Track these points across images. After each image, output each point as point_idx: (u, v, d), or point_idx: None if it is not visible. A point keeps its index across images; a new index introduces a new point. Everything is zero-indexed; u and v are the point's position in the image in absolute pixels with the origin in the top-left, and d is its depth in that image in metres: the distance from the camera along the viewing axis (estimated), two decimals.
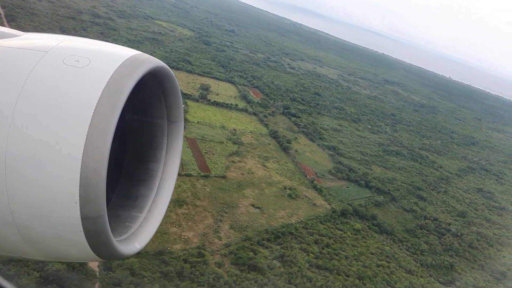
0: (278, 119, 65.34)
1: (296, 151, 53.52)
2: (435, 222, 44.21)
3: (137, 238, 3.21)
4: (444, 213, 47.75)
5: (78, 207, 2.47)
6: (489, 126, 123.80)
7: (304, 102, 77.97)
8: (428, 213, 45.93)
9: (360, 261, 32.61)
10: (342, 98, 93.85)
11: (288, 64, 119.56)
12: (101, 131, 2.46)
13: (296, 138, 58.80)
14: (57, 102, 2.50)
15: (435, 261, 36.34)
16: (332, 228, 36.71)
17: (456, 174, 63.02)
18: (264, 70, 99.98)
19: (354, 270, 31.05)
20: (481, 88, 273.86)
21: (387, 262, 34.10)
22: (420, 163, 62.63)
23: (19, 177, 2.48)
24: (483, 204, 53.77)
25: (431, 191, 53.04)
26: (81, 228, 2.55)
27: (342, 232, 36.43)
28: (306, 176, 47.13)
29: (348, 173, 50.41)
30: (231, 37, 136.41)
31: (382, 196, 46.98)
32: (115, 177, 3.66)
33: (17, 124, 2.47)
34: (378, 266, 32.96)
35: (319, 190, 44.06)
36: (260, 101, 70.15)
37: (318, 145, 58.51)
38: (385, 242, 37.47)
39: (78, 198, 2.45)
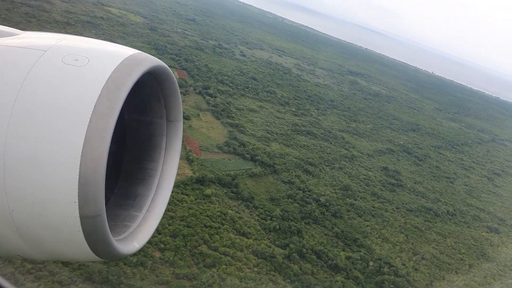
0: (191, 98, 65.70)
1: (190, 126, 53.84)
2: (307, 193, 44.60)
3: (136, 238, 3.26)
4: (327, 186, 48.15)
5: (77, 207, 2.49)
6: (446, 116, 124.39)
7: (232, 85, 78.36)
8: (306, 186, 46.32)
9: (186, 222, 32.96)
10: (282, 84, 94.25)
11: (241, 52, 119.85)
12: (100, 130, 2.48)
13: (199, 115, 59.17)
14: (56, 101, 2.52)
15: (280, 226, 36.72)
16: (176, 193, 37.01)
17: (368, 154, 63.44)
18: (206, 55, 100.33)
19: (171, 229, 31.39)
20: (463, 84, 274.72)
21: (221, 224, 34.46)
22: (331, 143, 63.05)
23: (17, 176, 2.49)
24: (380, 181, 54.18)
25: (324, 167, 53.44)
26: (80, 227, 2.56)
27: (185, 197, 36.77)
28: (186, 148, 47.51)
29: (237, 148, 50.80)
30: (188, 25, 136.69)
31: (262, 168, 47.37)
32: (114, 177, 3.70)
33: (16, 123, 2.49)
34: (206, 227, 33.32)
35: (190, 161, 44.44)
36: (178, 81, 70.43)
37: (222, 122, 58.86)
38: (234, 208, 37.83)
39: (77, 197, 2.46)
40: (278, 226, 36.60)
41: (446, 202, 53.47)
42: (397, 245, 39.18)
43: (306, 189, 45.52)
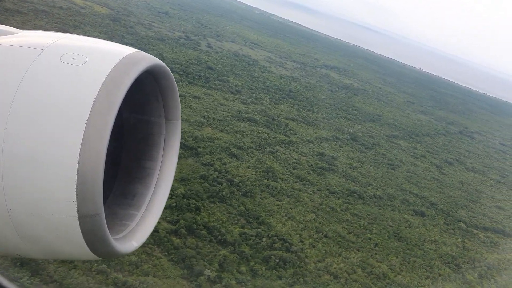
0: None
1: None
2: (223, 174, 44.79)
3: (134, 236, 3.32)
4: (249, 168, 48.36)
5: (75, 205, 2.52)
6: (417, 109, 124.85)
7: (182, 73, 78.47)
8: (225, 168, 46.53)
9: None
10: (242, 74, 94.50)
11: (208, 44, 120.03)
12: (98, 129, 2.51)
13: None
14: (54, 100, 2.56)
15: (177, 203, 36.88)
16: None
17: (308, 140, 63.73)
18: (166, 45, 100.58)
19: None
20: (451, 80, 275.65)
21: None
22: (271, 129, 63.28)
23: (15, 175, 2.52)
24: (310, 165, 54.42)
25: (254, 151, 53.67)
26: (78, 226, 2.59)
27: None
28: None
29: None
30: (158, 18, 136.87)
31: (182, 151, 47.54)
32: (112, 175, 3.77)
33: (14, 122, 2.52)
34: None
35: None
36: None
37: None
38: None
39: (75, 196, 2.50)
40: (174, 204, 36.80)
41: (377, 187, 53.78)
42: (301, 224, 39.40)
43: (224, 170, 45.72)
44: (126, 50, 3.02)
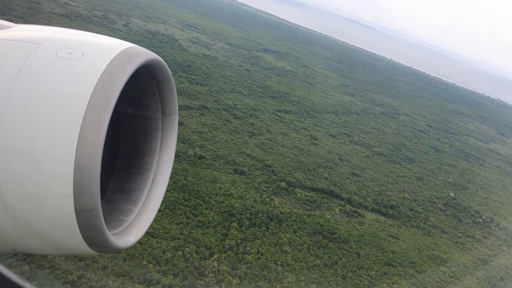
0: None
1: None
2: None
3: (131, 232, 3.46)
4: None
5: (72, 201, 2.61)
6: (347, 91, 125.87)
7: None
8: None
9: None
10: (151, 50, 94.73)
11: (126, 23, 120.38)
12: (95, 124, 2.59)
13: None
14: (50, 94, 2.62)
15: None
16: None
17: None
18: (69, 21, 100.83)
19: None
20: (421, 70, 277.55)
21: None
22: None
23: (12, 171, 2.57)
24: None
25: None
26: (75, 221, 2.67)
27: None
28: None
29: None
30: None
31: None
32: (110, 171, 3.89)
33: (10, 117, 2.57)
34: None
35: None
36: None
37: None
38: None
39: (72, 191, 2.57)
40: None
41: (210, 149, 54.21)
42: None
43: None
44: (122, 45, 3.16)
